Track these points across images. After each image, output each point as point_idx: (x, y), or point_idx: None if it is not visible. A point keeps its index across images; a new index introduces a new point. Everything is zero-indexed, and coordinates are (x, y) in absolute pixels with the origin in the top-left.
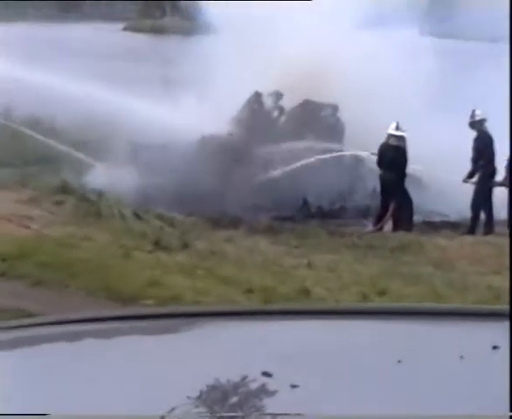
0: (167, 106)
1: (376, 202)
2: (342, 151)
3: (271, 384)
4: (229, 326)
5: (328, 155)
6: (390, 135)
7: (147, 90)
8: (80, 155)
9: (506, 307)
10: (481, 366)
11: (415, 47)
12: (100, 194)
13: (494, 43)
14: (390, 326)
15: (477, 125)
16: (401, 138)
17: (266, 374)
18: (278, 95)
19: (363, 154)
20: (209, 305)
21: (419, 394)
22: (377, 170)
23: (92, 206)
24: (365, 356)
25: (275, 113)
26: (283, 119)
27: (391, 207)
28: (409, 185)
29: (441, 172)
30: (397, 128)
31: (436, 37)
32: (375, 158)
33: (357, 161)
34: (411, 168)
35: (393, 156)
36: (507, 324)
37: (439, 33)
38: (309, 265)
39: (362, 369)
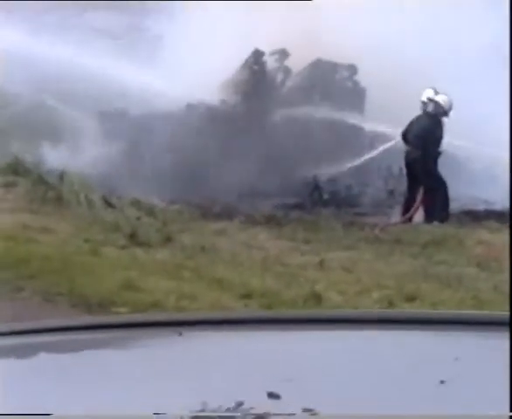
0: (143, 66)
1: (403, 187)
2: (361, 122)
3: (277, 409)
4: (221, 336)
5: None
6: (429, 100)
7: (115, 45)
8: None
9: None
10: None
11: None
12: (61, 175)
13: None
14: (424, 338)
15: None
16: (438, 105)
17: (272, 395)
18: (283, 54)
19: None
20: (197, 312)
21: None
22: (403, 148)
23: (51, 190)
24: (395, 376)
25: (280, 76)
26: (289, 83)
27: (420, 192)
28: (444, 165)
29: (485, 148)
30: (436, 94)
31: None
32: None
33: (380, 135)
34: (446, 142)
35: (426, 127)
36: None
37: None
38: (321, 264)
39: (391, 391)
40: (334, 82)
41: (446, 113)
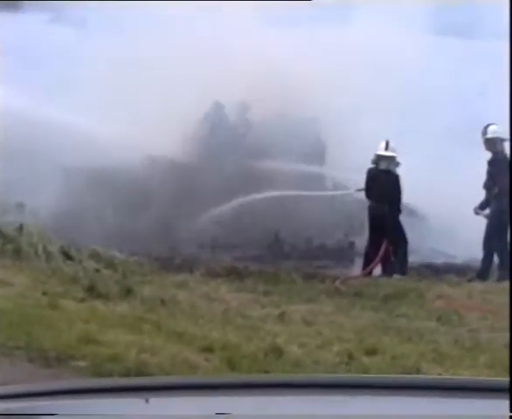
0: (104, 120)
1: (363, 240)
2: (322, 174)
3: None
4: (191, 402)
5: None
6: (380, 157)
7: (78, 98)
8: None
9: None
10: None
11: (414, 46)
12: (19, 227)
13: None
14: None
15: (490, 144)
16: (392, 159)
17: None
18: (244, 107)
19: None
20: (164, 377)
21: None
22: (364, 200)
23: (9, 243)
24: None
25: (241, 129)
26: (251, 135)
27: (384, 245)
28: (404, 219)
29: (446, 202)
30: (388, 148)
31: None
32: (361, 192)
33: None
34: (407, 197)
35: (384, 184)
36: None
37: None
38: (281, 317)
39: None
40: (295, 135)
41: (397, 165)
